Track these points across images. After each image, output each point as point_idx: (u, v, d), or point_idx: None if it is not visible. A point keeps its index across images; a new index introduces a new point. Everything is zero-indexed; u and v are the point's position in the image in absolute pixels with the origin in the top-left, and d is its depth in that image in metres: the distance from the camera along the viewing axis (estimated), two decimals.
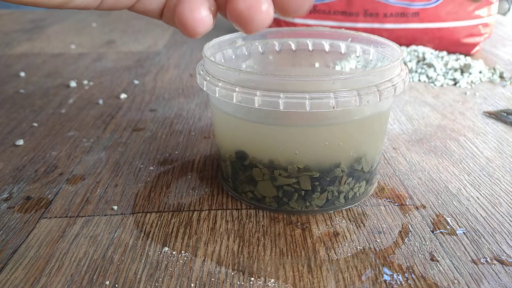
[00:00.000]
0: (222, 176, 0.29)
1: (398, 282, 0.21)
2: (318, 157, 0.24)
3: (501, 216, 0.25)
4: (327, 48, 0.30)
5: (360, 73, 0.23)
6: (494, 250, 0.23)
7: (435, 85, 0.47)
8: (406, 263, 0.22)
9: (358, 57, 0.29)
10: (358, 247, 0.23)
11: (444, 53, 0.53)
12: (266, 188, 0.25)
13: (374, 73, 0.23)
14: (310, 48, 0.30)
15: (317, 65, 0.31)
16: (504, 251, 0.23)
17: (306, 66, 0.31)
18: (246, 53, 0.30)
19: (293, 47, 0.31)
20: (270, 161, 0.24)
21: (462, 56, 0.52)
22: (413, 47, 0.53)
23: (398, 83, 0.24)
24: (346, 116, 0.25)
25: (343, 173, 0.25)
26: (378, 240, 0.23)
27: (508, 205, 0.26)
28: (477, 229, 0.24)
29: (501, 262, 0.22)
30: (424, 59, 0.51)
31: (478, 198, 0.27)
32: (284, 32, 0.31)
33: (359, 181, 0.26)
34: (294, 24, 0.57)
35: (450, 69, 0.49)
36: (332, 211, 0.26)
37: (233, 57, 0.29)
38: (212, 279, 0.21)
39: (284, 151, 0.24)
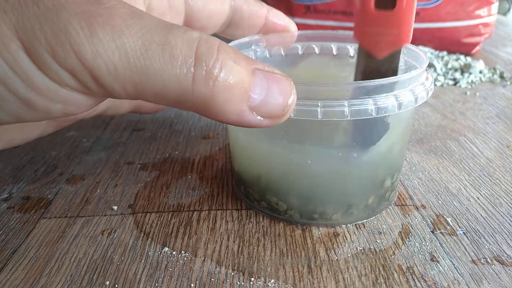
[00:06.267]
0: (235, 181, 0.28)
1: (398, 283, 0.21)
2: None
3: (502, 216, 0.25)
4: (335, 51, 0.29)
5: (377, 80, 0.21)
6: (494, 251, 0.23)
7: (435, 85, 0.46)
8: (406, 264, 0.22)
9: None
10: (358, 247, 0.23)
11: (444, 53, 0.53)
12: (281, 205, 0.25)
13: (393, 81, 0.21)
14: (317, 51, 0.29)
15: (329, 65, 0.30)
16: (504, 251, 0.23)
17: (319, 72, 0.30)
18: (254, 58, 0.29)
19: (316, 50, 0.30)
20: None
21: (462, 56, 0.52)
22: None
23: (420, 93, 0.22)
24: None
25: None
26: (378, 241, 0.23)
27: (509, 205, 0.26)
28: (477, 229, 0.24)
29: (501, 262, 0.22)
30: None
31: (478, 198, 0.27)
32: (306, 36, 0.30)
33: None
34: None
35: (450, 69, 0.49)
36: None
37: None
38: (212, 279, 0.21)
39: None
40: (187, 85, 0.16)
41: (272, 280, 0.21)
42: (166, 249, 0.23)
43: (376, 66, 0.23)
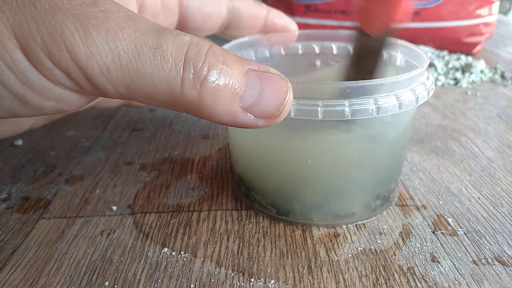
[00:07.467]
0: (235, 182, 0.28)
1: (399, 283, 0.20)
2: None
3: (502, 216, 0.25)
4: (335, 51, 0.29)
5: (378, 80, 0.20)
6: (495, 251, 0.22)
7: (436, 84, 0.46)
8: (407, 264, 0.22)
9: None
10: (359, 248, 0.23)
11: (445, 52, 0.53)
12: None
13: (394, 81, 0.21)
14: (317, 51, 0.29)
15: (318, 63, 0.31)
16: (505, 251, 0.22)
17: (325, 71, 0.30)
18: (254, 58, 0.29)
19: (317, 50, 0.30)
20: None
21: (463, 56, 0.52)
22: None
23: (421, 92, 0.22)
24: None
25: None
26: (378, 241, 0.23)
27: (510, 205, 0.26)
28: (478, 229, 0.24)
29: (502, 263, 0.22)
30: None
31: (479, 199, 0.27)
32: (306, 35, 0.30)
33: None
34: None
35: (451, 69, 0.49)
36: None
37: None
38: (212, 280, 0.21)
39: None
40: (176, 88, 0.16)
41: (272, 281, 0.21)
42: (166, 249, 0.23)
43: (370, 44, 0.23)
